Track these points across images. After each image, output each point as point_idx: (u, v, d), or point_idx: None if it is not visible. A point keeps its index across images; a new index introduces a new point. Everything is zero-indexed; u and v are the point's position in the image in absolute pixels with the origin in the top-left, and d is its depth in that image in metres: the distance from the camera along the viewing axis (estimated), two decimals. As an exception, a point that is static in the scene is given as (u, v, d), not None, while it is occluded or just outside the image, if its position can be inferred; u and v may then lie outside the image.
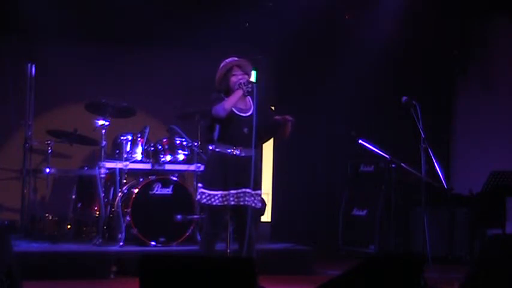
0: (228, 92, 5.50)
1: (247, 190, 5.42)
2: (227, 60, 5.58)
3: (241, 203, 5.41)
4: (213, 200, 5.39)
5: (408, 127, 6.50)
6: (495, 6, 8.69)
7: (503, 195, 7.85)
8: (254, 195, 5.46)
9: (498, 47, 9.06)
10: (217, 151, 5.49)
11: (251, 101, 5.56)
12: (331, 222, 8.72)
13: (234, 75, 5.52)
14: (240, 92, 5.42)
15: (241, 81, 5.44)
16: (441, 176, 6.28)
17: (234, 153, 5.44)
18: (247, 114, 5.50)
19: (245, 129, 5.43)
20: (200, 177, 5.80)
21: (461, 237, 8.12)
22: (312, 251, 7.34)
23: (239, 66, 5.55)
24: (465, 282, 4.91)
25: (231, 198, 5.40)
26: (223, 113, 5.37)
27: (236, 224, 5.62)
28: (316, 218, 9.01)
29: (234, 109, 5.46)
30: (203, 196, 5.44)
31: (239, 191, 5.41)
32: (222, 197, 5.39)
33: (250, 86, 5.43)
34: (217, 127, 5.52)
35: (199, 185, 5.54)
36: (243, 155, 5.45)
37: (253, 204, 5.45)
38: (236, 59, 5.60)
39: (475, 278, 4.83)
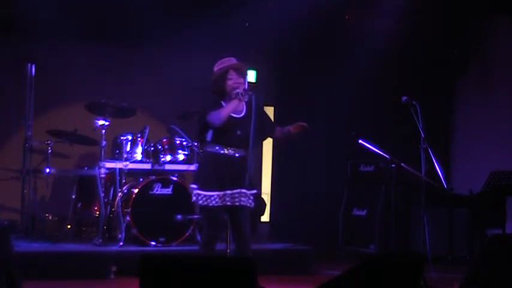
0: (223, 93, 5.49)
1: (243, 190, 5.41)
2: (224, 62, 5.53)
3: (237, 203, 5.39)
4: (209, 200, 5.37)
5: (408, 127, 6.50)
6: (495, 6, 8.69)
7: (503, 195, 7.86)
8: (249, 195, 5.46)
9: (498, 47, 9.06)
10: (211, 152, 5.46)
11: (244, 103, 5.54)
12: (331, 222, 8.71)
13: (230, 78, 5.46)
14: (236, 102, 5.39)
15: (238, 90, 5.40)
16: (441, 176, 6.28)
17: (228, 154, 5.43)
18: (241, 115, 5.48)
19: (238, 131, 5.42)
20: (194, 178, 5.75)
21: (461, 237, 8.12)
22: (312, 251, 7.34)
23: (235, 69, 5.50)
24: (465, 282, 4.91)
25: (227, 199, 5.38)
26: (218, 122, 5.36)
27: (231, 224, 5.61)
28: (316, 218, 9.00)
29: None
30: (199, 197, 5.40)
31: (234, 191, 5.39)
32: (218, 197, 5.37)
33: (247, 96, 5.41)
34: (210, 129, 5.50)
35: (194, 186, 5.48)
36: (237, 155, 5.44)
37: (247, 204, 5.45)
38: (234, 61, 5.55)
39: (475, 278, 4.83)
